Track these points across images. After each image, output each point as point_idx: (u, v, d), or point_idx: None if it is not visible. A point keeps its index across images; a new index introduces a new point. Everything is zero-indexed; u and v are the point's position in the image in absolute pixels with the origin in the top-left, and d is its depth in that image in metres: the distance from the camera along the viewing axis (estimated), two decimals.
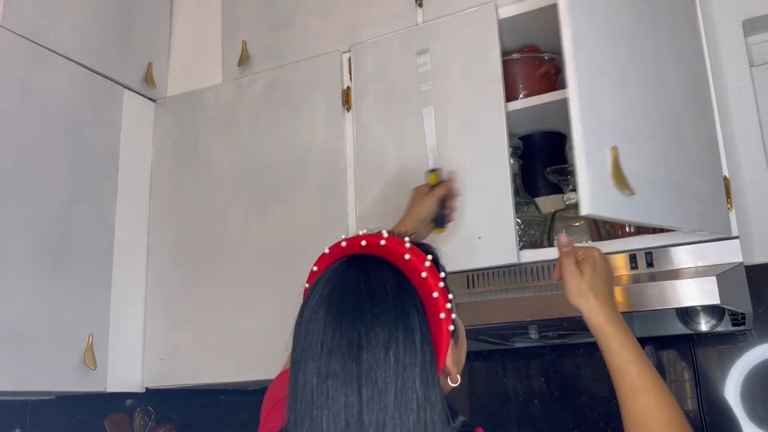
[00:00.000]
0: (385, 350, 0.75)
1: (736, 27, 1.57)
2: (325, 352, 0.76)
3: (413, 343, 0.76)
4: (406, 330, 0.76)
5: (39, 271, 1.58)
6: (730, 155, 1.45)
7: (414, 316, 0.78)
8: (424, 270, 0.80)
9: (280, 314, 1.70)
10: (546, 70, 1.60)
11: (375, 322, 0.76)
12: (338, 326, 0.77)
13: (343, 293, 0.80)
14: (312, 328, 0.79)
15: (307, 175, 1.70)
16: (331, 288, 0.81)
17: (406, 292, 0.79)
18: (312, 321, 0.79)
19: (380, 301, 0.78)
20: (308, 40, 1.81)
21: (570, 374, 1.68)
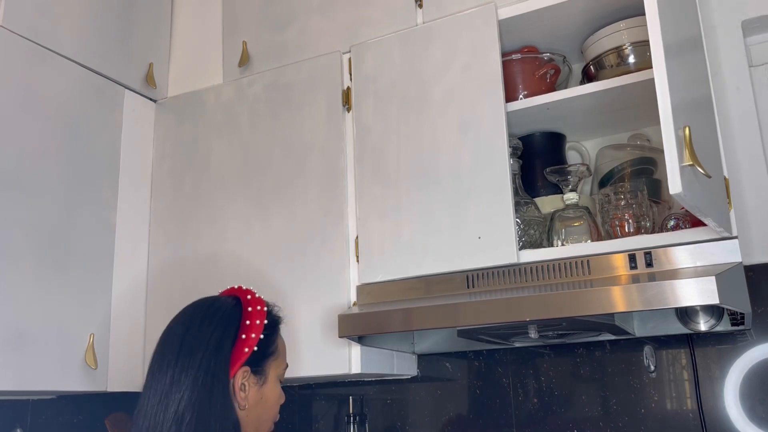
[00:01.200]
0: (200, 340, 1.12)
1: (736, 27, 1.57)
2: (170, 334, 1.17)
3: (219, 344, 1.12)
4: (222, 333, 1.14)
5: (39, 271, 1.58)
6: (730, 155, 1.46)
7: (226, 327, 1.15)
8: (252, 307, 1.18)
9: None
10: (545, 71, 1.60)
11: (202, 322, 1.15)
12: (181, 322, 1.19)
13: (196, 304, 1.23)
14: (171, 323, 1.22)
15: (307, 175, 1.70)
16: (195, 302, 1.24)
17: (234, 315, 1.17)
18: (181, 312, 1.23)
19: (211, 310, 1.18)
20: (308, 40, 1.81)
21: (570, 374, 1.68)
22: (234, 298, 1.21)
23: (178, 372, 1.08)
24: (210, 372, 1.08)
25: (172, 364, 1.10)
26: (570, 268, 1.37)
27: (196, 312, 1.18)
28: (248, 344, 1.14)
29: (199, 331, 1.13)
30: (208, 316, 1.15)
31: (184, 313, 1.20)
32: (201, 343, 1.11)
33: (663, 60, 1.02)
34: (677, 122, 1.02)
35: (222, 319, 1.15)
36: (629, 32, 1.51)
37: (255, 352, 1.14)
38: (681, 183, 0.98)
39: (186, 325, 1.15)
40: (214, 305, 1.18)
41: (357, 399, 1.87)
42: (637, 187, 1.45)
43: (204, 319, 1.15)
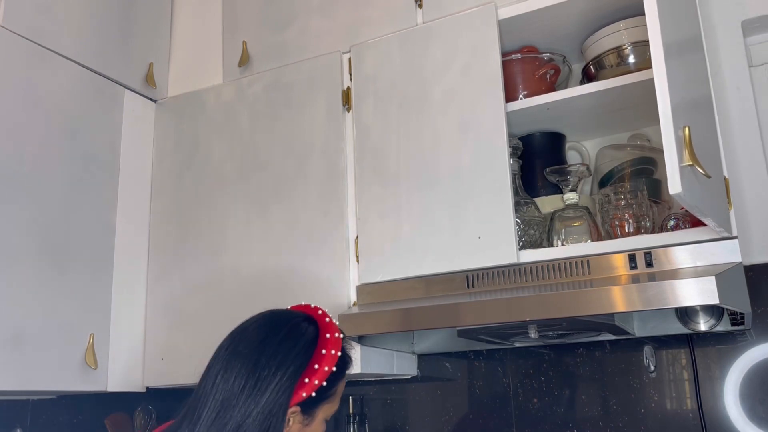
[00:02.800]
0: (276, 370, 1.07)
1: (736, 27, 1.57)
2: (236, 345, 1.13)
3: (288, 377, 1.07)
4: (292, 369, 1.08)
5: (40, 271, 1.58)
6: (730, 155, 1.46)
7: (300, 363, 1.09)
8: (326, 350, 1.12)
9: None
10: (545, 71, 1.60)
11: (279, 347, 1.10)
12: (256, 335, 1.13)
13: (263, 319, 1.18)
14: (240, 332, 1.17)
15: (307, 175, 1.70)
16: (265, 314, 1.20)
17: (306, 345, 1.11)
18: (242, 328, 1.18)
19: (285, 336, 1.12)
20: (308, 40, 1.81)
21: (570, 374, 1.68)
22: (314, 327, 1.15)
23: (251, 385, 1.04)
24: (279, 399, 1.04)
25: (243, 373, 1.06)
26: (570, 268, 1.37)
27: (278, 325, 1.13)
28: (310, 387, 1.09)
29: (279, 349, 1.08)
30: (291, 337, 1.11)
31: (265, 320, 1.15)
32: (281, 364, 1.07)
33: (663, 60, 1.02)
34: (677, 122, 1.02)
35: (304, 345, 1.11)
36: (629, 32, 1.51)
37: (312, 397, 1.10)
38: (681, 183, 0.98)
39: (266, 336, 1.11)
40: (298, 326, 1.13)
41: (357, 399, 1.87)
42: (637, 187, 1.45)
43: (288, 337, 1.10)
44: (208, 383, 1.08)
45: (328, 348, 1.12)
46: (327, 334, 1.13)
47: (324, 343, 1.12)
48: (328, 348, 1.12)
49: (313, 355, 1.10)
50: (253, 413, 1.03)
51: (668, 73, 1.02)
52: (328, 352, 1.11)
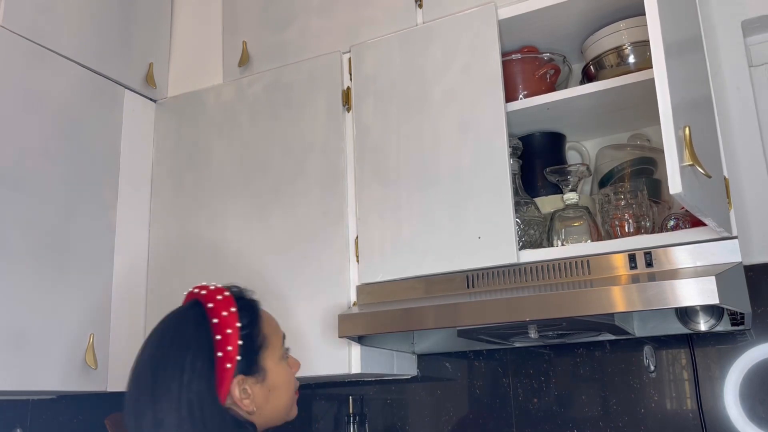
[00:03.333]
0: (172, 373, 1.02)
1: (736, 27, 1.57)
2: (139, 367, 1.08)
3: (189, 370, 1.02)
4: (191, 360, 1.03)
5: (40, 271, 1.58)
6: (729, 155, 1.46)
7: (198, 351, 1.04)
8: (218, 317, 1.07)
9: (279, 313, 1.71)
10: (545, 71, 1.60)
11: (170, 347, 1.06)
12: (147, 347, 1.10)
13: (161, 325, 1.13)
14: (144, 344, 1.12)
15: (307, 175, 1.70)
16: (162, 319, 1.14)
17: (200, 329, 1.07)
18: (147, 338, 1.12)
19: (177, 336, 1.07)
20: (308, 40, 1.81)
21: (570, 374, 1.68)
22: (197, 308, 1.10)
23: (160, 412, 1.00)
24: (195, 405, 1.00)
25: (149, 403, 1.01)
26: (570, 268, 1.37)
27: (163, 335, 1.09)
28: (228, 359, 1.05)
29: (168, 360, 1.04)
30: (176, 341, 1.06)
31: (150, 339, 1.11)
32: (174, 375, 1.02)
33: (663, 60, 1.02)
34: (677, 122, 1.02)
35: (191, 341, 1.05)
36: (629, 32, 1.51)
37: (239, 360, 1.06)
38: (681, 183, 0.98)
39: (154, 355, 1.07)
40: (180, 325, 1.09)
41: (357, 399, 1.87)
42: (637, 187, 1.45)
43: (172, 343, 1.06)
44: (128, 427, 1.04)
45: (217, 314, 1.08)
46: (209, 304, 1.09)
47: (212, 312, 1.08)
48: (218, 314, 1.08)
49: (210, 329, 1.06)
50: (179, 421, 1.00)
51: (668, 73, 1.02)
52: (220, 319, 1.07)
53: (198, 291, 1.14)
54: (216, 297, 1.10)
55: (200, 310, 1.09)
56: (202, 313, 1.09)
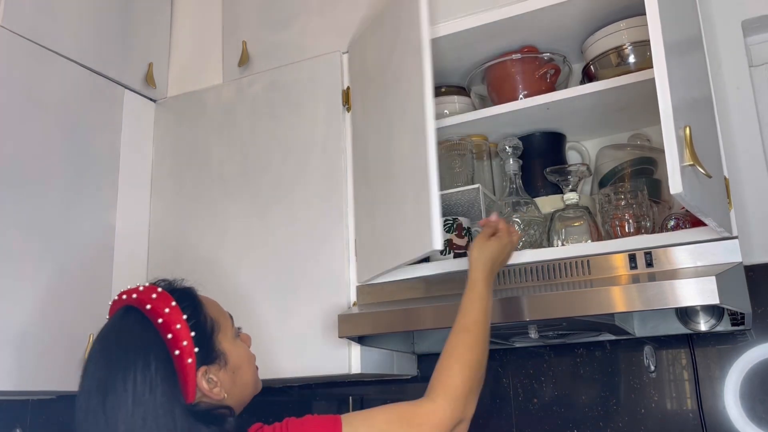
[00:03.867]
0: (123, 385, 0.96)
1: (736, 27, 1.57)
2: (83, 391, 1.00)
3: (147, 379, 0.97)
4: (143, 370, 0.97)
5: (39, 271, 1.58)
6: (730, 155, 1.45)
7: (151, 356, 0.98)
8: (161, 317, 1.01)
9: (279, 314, 1.71)
10: (545, 71, 1.60)
11: (116, 367, 0.98)
12: (91, 369, 1.01)
13: (98, 342, 1.05)
14: (83, 371, 1.02)
15: (307, 175, 1.70)
16: (98, 337, 1.06)
17: (146, 336, 1.01)
18: (85, 363, 1.04)
19: (123, 347, 1.00)
20: (308, 40, 1.81)
21: (570, 374, 1.68)
22: (134, 314, 1.03)
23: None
24: (161, 417, 0.95)
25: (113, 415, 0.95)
26: (570, 268, 1.36)
27: (106, 353, 1.01)
28: (187, 354, 1.00)
29: (118, 379, 0.97)
30: (122, 356, 0.99)
31: (91, 362, 1.02)
32: (128, 393, 0.95)
33: (663, 60, 1.02)
34: (677, 122, 1.02)
35: (140, 350, 0.99)
36: (629, 32, 1.51)
37: (198, 352, 1.01)
38: (681, 183, 0.98)
39: (101, 378, 0.98)
40: (122, 337, 1.02)
41: (357, 399, 1.87)
42: (637, 187, 1.45)
43: (119, 360, 0.99)
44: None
45: (159, 313, 1.02)
46: (147, 305, 1.02)
47: (153, 313, 1.02)
48: (160, 313, 1.02)
49: (158, 331, 1.01)
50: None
51: (669, 73, 1.02)
52: (164, 317, 1.01)
53: (127, 297, 1.06)
54: (150, 296, 1.04)
55: (137, 315, 1.03)
56: (141, 318, 1.02)
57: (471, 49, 1.66)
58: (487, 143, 1.71)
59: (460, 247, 1.54)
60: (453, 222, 1.56)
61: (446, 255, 1.53)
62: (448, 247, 1.54)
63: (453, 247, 1.54)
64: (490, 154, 1.73)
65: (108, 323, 1.07)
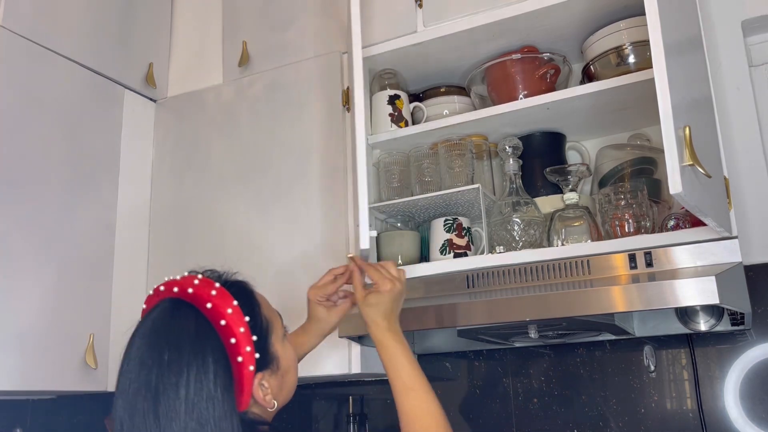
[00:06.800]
0: (176, 391, 0.87)
1: (736, 27, 1.57)
2: (129, 390, 0.90)
3: (204, 386, 0.88)
4: (198, 373, 0.88)
5: (39, 271, 1.58)
6: (730, 155, 1.45)
7: (209, 360, 0.90)
8: (224, 318, 0.93)
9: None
10: (545, 71, 1.60)
11: (169, 370, 0.89)
12: (137, 368, 0.91)
13: (145, 337, 0.93)
14: (125, 367, 0.93)
15: (307, 175, 1.70)
16: (142, 331, 0.95)
17: (204, 338, 0.91)
18: (126, 359, 0.93)
19: (176, 348, 0.90)
20: (308, 40, 1.81)
21: (570, 374, 1.68)
22: (186, 310, 0.94)
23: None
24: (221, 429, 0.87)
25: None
26: (570, 268, 1.36)
27: (157, 350, 0.91)
28: (249, 360, 0.93)
29: (170, 383, 0.88)
30: (175, 358, 0.89)
31: (137, 357, 0.92)
32: (180, 396, 0.87)
33: (663, 60, 1.02)
34: (677, 122, 1.02)
35: (199, 354, 0.90)
36: (629, 32, 1.51)
37: (258, 358, 0.95)
38: (681, 183, 0.98)
39: (149, 379, 0.89)
40: (175, 339, 0.91)
41: (357, 399, 1.87)
42: (637, 187, 1.45)
43: (171, 362, 0.89)
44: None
45: (222, 314, 0.93)
46: (208, 304, 0.93)
47: (214, 313, 0.93)
48: (222, 313, 0.93)
49: (218, 334, 0.92)
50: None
51: (668, 73, 1.02)
52: (227, 318, 0.93)
53: (179, 290, 0.97)
54: (210, 293, 0.95)
55: (192, 312, 0.94)
56: (196, 316, 0.94)
57: (471, 49, 1.66)
58: (487, 143, 1.71)
59: (460, 247, 1.54)
60: (453, 222, 1.56)
61: (446, 255, 1.53)
62: (447, 247, 1.54)
63: (453, 247, 1.54)
64: (490, 154, 1.73)
65: (155, 317, 0.95)
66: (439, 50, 1.66)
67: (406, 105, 1.71)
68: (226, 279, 1.03)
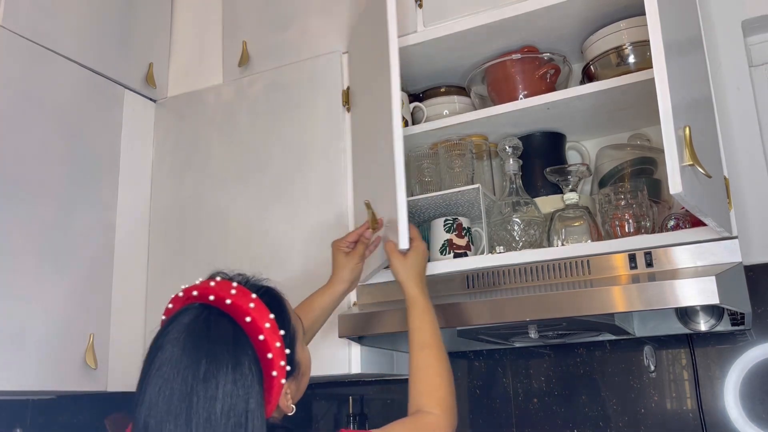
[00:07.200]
0: (213, 405, 0.85)
1: (736, 27, 1.57)
2: (164, 398, 0.86)
3: (241, 401, 0.86)
4: (235, 388, 0.86)
5: (40, 271, 1.58)
6: (730, 155, 1.45)
7: (248, 376, 0.88)
8: (262, 332, 0.91)
9: None
10: (545, 71, 1.60)
11: (206, 380, 0.86)
12: (175, 377, 0.87)
13: (177, 343, 0.90)
14: (155, 371, 0.89)
15: (307, 175, 1.70)
16: (174, 336, 0.91)
17: (242, 353, 0.89)
18: (156, 362, 0.90)
19: (214, 361, 0.87)
20: (308, 40, 1.81)
21: (570, 374, 1.68)
22: (222, 320, 0.92)
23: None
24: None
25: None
26: (570, 268, 1.37)
27: (193, 358, 0.88)
28: (282, 374, 0.92)
29: (205, 393, 0.86)
30: (212, 370, 0.87)
31: (169, 361, 0.89)
32: (214, 405, 0.85)
33: (663, 60, 1.02)
34: (677, 122, 1.02)
35: (237, 367, 0.88)
36: (629, 32, 1.51)
37: (288, 370, 0.95)
38: (681, 183, 0.98)
39: (184, 393, 0.86)
40: (210, 349, 0.89)
41: (357, 399, 1.87)
42: (637, 187, 1.45)
43: (208, 374, 0.86)
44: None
45: (260, 329, 0.91)
46: (247, 318, 0.92)
47: (252, 327, 0.91)
48: (260, 328, 0.91)
49: (254, 348, 0.91)
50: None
51: (669, 73, 1.02)
52: (265, 333, 0.91)
53: (215, 298, 0.94)
54: (248, 305, 0.93)
55: (231, 325, 0.92)
56: (235, 329, 0.91)
57: (471, 49, 1.66)
58: (487, 143, 1.71)
59: (460, 247, 1.54)
60: (453, 222, 1.56)
61: (446, 255, 1.53)
62: (448, 247, 1.54)
63: (453, 247, 1.54)
64: (490, 154, 1.73)
65: (190, 324, 0.92)
66: (439, 50, 1.66)
67: (406, 105, 1.72)
68: (255, 285, 1.03)
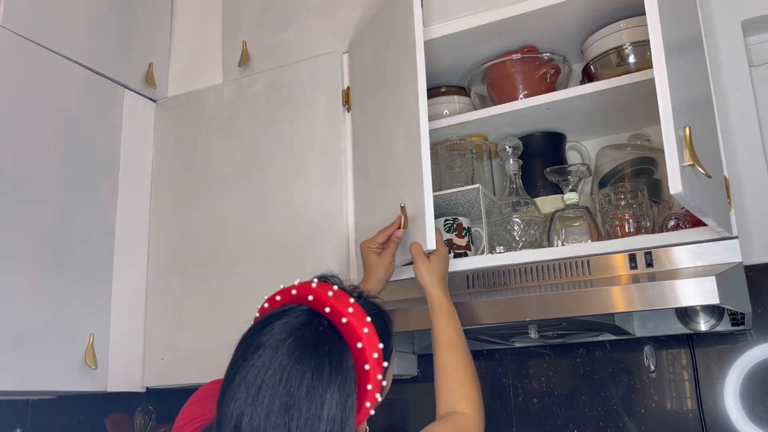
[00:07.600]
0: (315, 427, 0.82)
1: (736, 27, 1.57)
2: (265, 402, 0.82)
3: (338, 420, 0.83)
4: (336, 407, 0.83)
5: (40, 271, 1.58)
6: (730, 155, 1.45)
7: (349, 398, 0.84)
8: (361, 340, 0.88)
9: None
10: (545, 71, 1.60)
11: (309, 394, 0.82)
12: (278, 383, 0.83)
13: (290, 350, 0.84)
14: (253, 370, 0.84)
15: (307, 175, 1.70)
16: (277, 338, 0.86)
17: (345, 370, 0.85)
18: (253, 361, 0.85)
19: (320, 376, 0.83)
20: (308, 40, 1.81)
21: (570, 374, 1.68)
22: (336, 337, 0.88)
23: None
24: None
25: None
26: (570, 268, 1.37)
27: (298, 364, 0.84)
28: (377, 388, 0.89)
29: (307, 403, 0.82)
30: (317, 377, 0.83)
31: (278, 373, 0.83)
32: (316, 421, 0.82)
33: (663, 60, 1.02)
34: (677, 122, 1.02)
35: (337, 376, 0.84)
36: (629, 32, 1.51)
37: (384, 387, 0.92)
38: (681, 183, 0.98)
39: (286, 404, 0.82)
40: (317, 352, 0.85)
41: None
42: (637, 187, 1.45)
43: (312, 383, 0.83)
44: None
45: (359, 335, 0.87)
46: (359, 343, 0.87)
47: (352, 333, 0.88)
48: (359, 335, 0.87)
49: (352, 356, 0.87)
50: None
51: (669, 73, 1.02)
52: (364, 341, 0.87)
53: (313, 297, 0.91)
54: (362, 331, 0.88)
55: (338, 338, 0.88)
56: (343, 348, 0.87)
57: (471, 49, 1.66)
58: (487, 143, 1.71)
59: (460, 247, 1.54)
60: (453, 222, 1.56)
61: None
62: (448, 247, 1.53)
63: (453, 247, 1.54)
64: (490, 154, 1.73)
65: (295, 329, 0.87)
66: (439, 50, 1.66)
67: None
68: (353, 292, 0.99)
